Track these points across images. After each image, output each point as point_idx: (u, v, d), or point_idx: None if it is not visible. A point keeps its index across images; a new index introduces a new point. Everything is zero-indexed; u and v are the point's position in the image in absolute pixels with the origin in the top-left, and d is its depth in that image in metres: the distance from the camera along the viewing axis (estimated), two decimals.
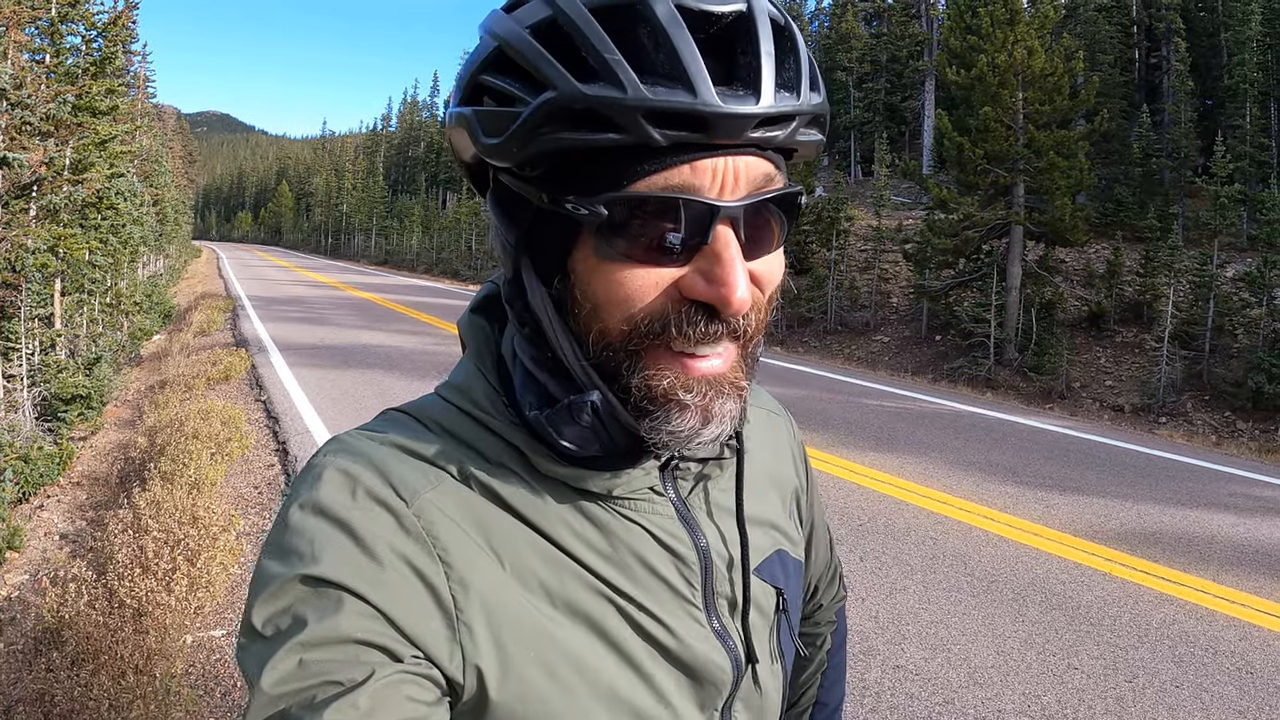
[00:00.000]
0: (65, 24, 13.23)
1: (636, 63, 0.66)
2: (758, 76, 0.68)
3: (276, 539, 0.72)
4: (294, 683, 0.64)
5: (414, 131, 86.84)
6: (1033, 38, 17.52)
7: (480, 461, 0.78)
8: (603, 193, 0.69)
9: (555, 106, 0.67)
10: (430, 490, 0.75)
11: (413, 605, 0.69)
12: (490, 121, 0.72)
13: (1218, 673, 4.66)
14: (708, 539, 0.85)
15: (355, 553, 0.69)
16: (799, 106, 0.71)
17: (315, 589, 0.67)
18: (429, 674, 0.69)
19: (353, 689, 0.64)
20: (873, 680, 4.47)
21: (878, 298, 22.45)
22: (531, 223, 0.76)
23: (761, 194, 0.72)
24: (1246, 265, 16.71)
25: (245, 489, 7.64)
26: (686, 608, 0.82)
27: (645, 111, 0.65)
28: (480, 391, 0.82)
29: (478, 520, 0.75)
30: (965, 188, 18.65)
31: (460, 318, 0.90)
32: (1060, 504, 7.49)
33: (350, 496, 0.72)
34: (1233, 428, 13.99)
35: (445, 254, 54.92)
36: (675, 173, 0.68)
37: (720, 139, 0.68)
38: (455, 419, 0.81)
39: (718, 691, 0.83)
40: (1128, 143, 25.34)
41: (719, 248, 0.69)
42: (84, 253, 12.89)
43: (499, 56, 0.73)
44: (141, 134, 28.42)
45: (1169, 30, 28.72)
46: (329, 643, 0.66)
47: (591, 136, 0.67)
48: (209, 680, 4.54)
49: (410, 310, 24.97)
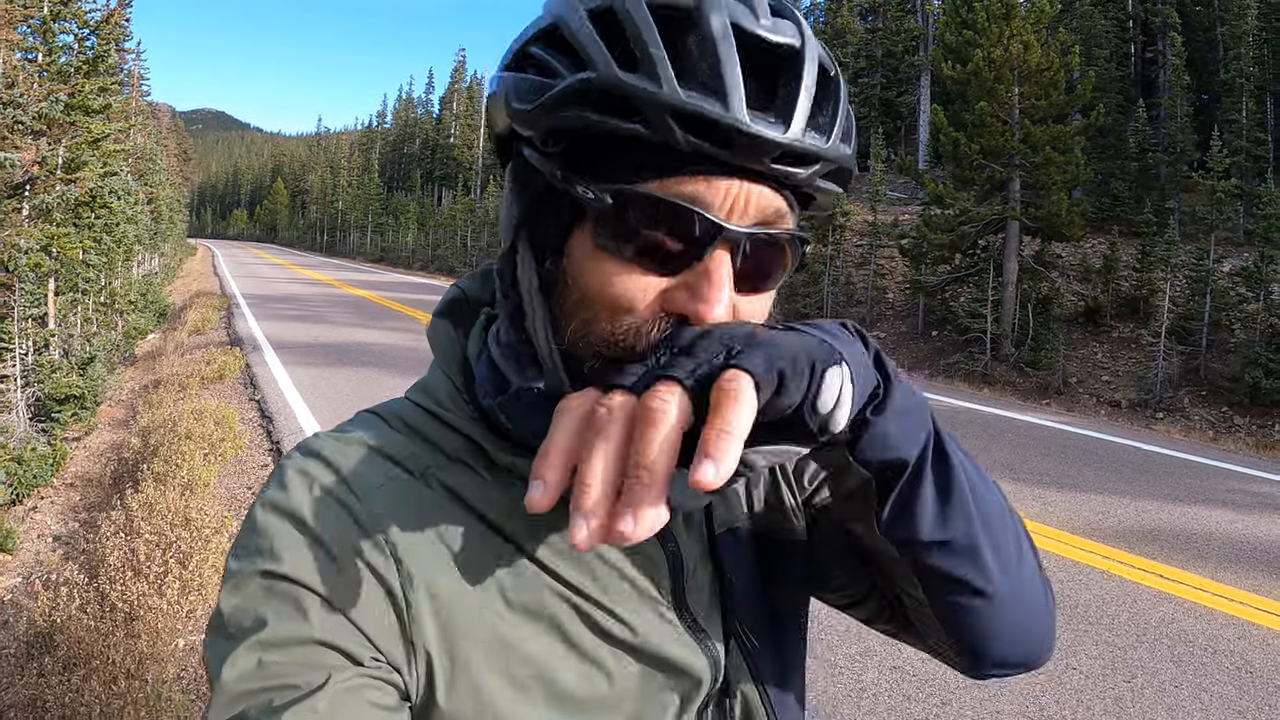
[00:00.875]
0: (57, 22, 13.20)
1: (679, 66, 0.66)
2: (792, 109, 0.68)
3: (241, 538, 0.73)
4: (252, 682, 0.65)
5: (409, 128, 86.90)
6: (1028, 32, 17.50)
7: (440, 459, 0.78)
8: (614, 183, 0.69)
9: (589, 86, 0.68)
10: (386, 488, 0.75)
11: (369, 603, 0.69)
12: (526, 88, 0.72)
13: (1217, 672, 4.64)
14: (676, 536, 0.83)
15: (312, 550, 0.70)
16: (825, 150, 0.70)
17: (274, 585, 0.68)
18: (389, 678, 0.69)
19: (310, 693, 0.64)
20: (870, 681, 4.45)
21: (874, 293, 22.44)
22: (539, 198, 0.76)
23: (769, 228, 0.72)
24: (1243, 260, 16.70)
25: (238, 490, 7.61)
26: (655, 607, 0.80)
27: (674, 111, 0.65)
28: (443, 390, 0.83)
29: (433, 518, 0.75)
30: (961, 183, 18.64)
31: (428, 324, 0.90)
32: (1058, 501, 7.48)
33: (308, 494, 0.73)
34: (1230, 423, 13.98)
35: (441, 251, 54.96)
36: (689, 182, 0.68)
37: (741, 160, 0.68)
38: (419, 417, 0.82)
39: (695, 690, 0.81)
40: (1124, 137, 25.33)
41: (711, 266, 0.69)
42: (78, 252, 12.83)
43: (550, 31, 0.73)
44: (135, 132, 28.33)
45: (1165, 25, 28.71)
46: (288, 644, 0.66)
47: (616, 123, 0.68)
48: (200, 685, 4.52)
49: (405, 308, 24.96)
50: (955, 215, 18.57)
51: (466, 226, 52.07)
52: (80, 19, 14.00)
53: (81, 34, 14.07)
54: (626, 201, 0.69)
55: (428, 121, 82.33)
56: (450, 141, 72.72)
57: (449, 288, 0.91)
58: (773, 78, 0.69)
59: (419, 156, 79.57)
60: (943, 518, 0.74)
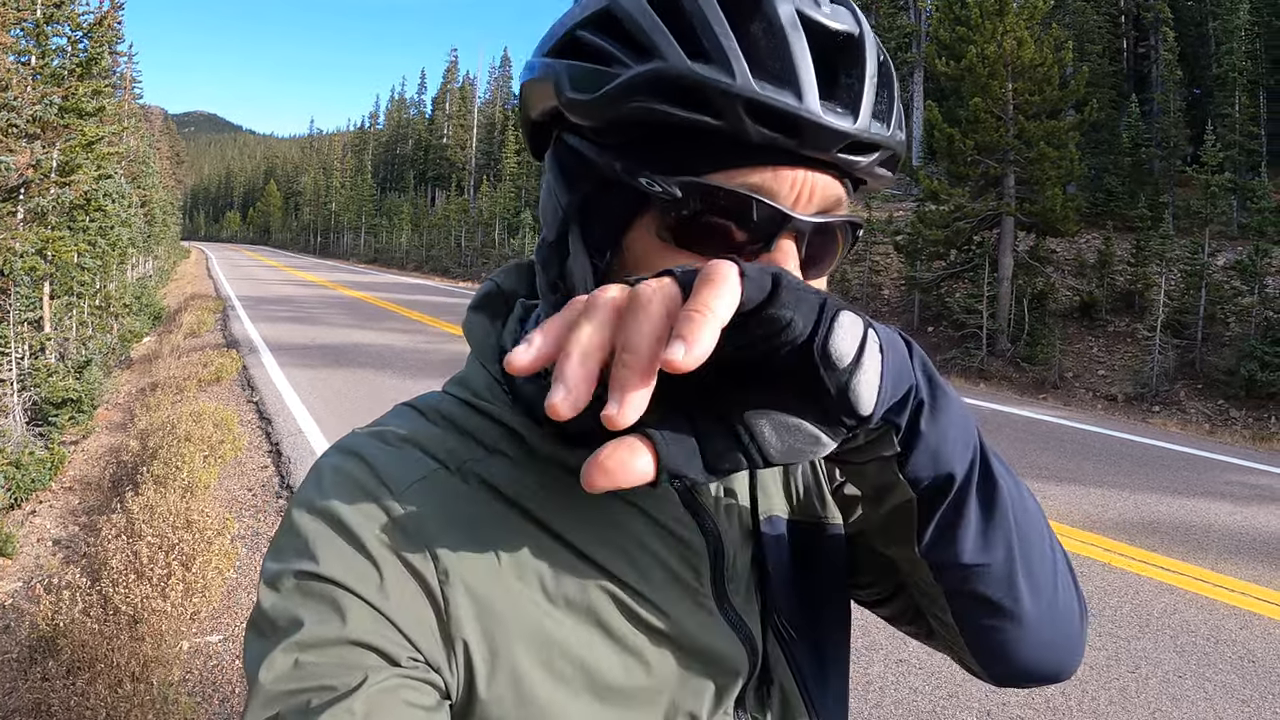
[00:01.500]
0: (50, 25, 13.15)
1: (749, 56, 0.65)
2: (859, 99, 0.68)
3: (278, 540, 0.72)
4: (289, 683, 0.64)
5: (402, 129, 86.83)
6: (1022, 28, 17.52)
7: (478, 450, 0.77)
8: (681, 175, 0.68)
9: (660, 76, 0.66)
10: (422, 482, 0.74)
11: (406, 601, 0.68)
12: (585, 77, 0.71)
13: (1220, 662, 4.66)
14: (717, 524, 0.82)
15: (348, 549, 0.69)
16: (887, 138, 0.71)
17: (310, 586, 0.68)
18: (427, 677, 0.68)
19: (347, 694, 0.63)
20: (876, 675, 4.46)
21: (869, 290, 22.46)
22: (593, 190, 0.74)
23: (831, 215, 0.72)
24: (1238, 253, 16.74)
25: (239, 491, 7.60)
26: (693, 595, 0.79)
27: (746, 103, 0.64)
28: (480, 381, 0.82)
29: (470, 513, 0.74)
30: (956, 179, 18.65)
31: (465, 317, 0.89)
32: (1057, 494, 7.49)
33: (342, 493, 0.72)
34: (1226, 416, 14.01)
35: (435, 251, 54.92)
36: (757, 172, 0.68)
37: (810, 150, 0.67)
38: (456, 410, 0.81)
39: (733, 680, 0.80)
40: (1117, 132, 25.39)
41: (779, 257, 0.69)
42: (72, 255, 12.80)
43: (605, 16, 0.71)
44: (129, 135, 28.25)
45: (1157, 20, 28.80)
46: (324, 644, 0.65)
47: (687, 115, 0.66)
48: (207, 687, 4.51)
49: (401, 308, 24.95)
50: (950, 211, 18.58)
51: (460, 227, 52.06)
52: (73, 22, 13.94)
53: (75, 37, 14.01)
54: (695, 193, 0.68)
55: (420, 122, 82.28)
56: (443, 142, 72.68)
57: (484, 282, 0.90)
58: (835, 66, 0.69)
59: (412, 157, 79.55)
60: (985, 540, 0.71)
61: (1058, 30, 19.18)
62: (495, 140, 64.70)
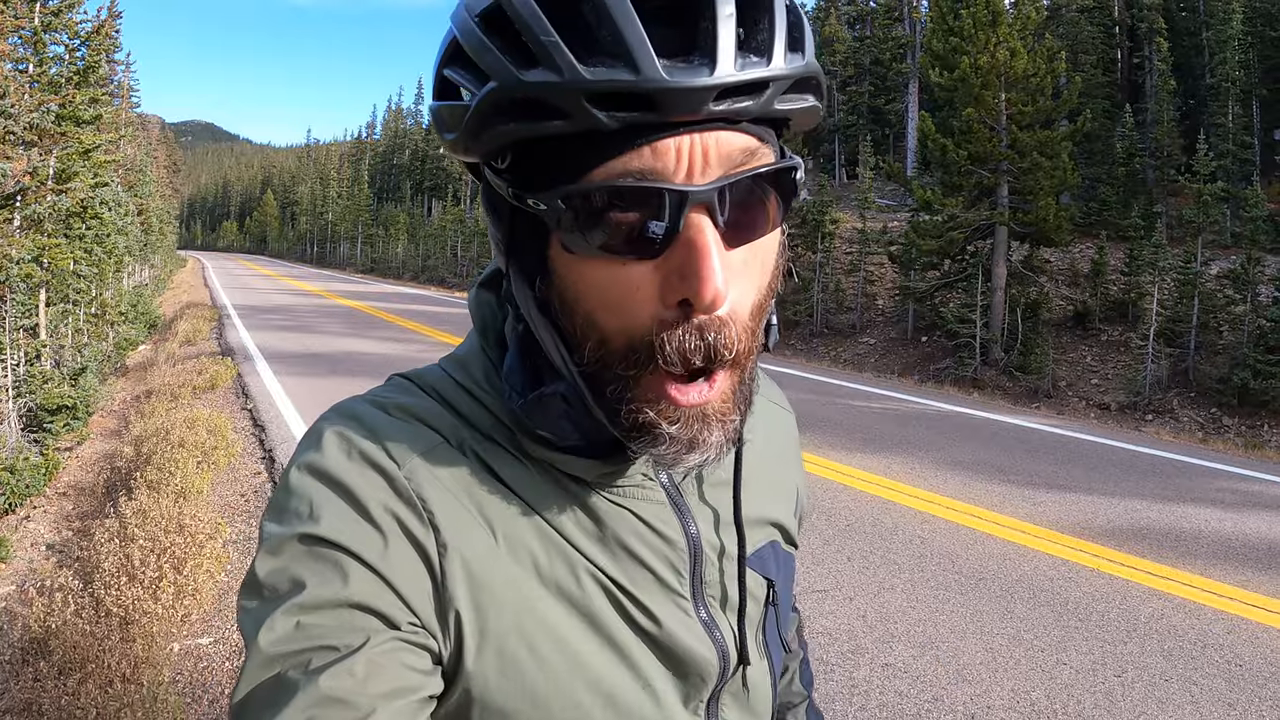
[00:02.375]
0: (48, 33, 13.19)
1: (580, 43, 0.62)
2: (714, 44, 0.62)
3: (277, 500, 0.72)
4: (290, 644, 0.64)
5: (399, 139, 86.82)
6: (1015, 39, 17.59)
7: (474, 434, 0.77)
8: (560, 185, 0.65)
9: (497, 97, 0.65)
10: (423, 454, 0.74)
11: (407, 568, 0.69)
12: (448, 116, 0.71)
13: (1207, 666, 4.67)
14: (699, 527, 0.83)
15: (351, 514, 0.69)
16: (770, 72, 0.64)
17: (313, 549, 0.68)
18: (425, 643, 0.68)
19: (349, 655, 0.64)
20: (861, 678, 4.47)
21: (863, 300, 22.49)
22: (511, 219, 0.73)
23: (740, 172, 0.66)
24: (1230, 262, 16.81)
25: (232, 497, 7.61)
26: (673, 597, 0.80)
27: (586, 94, 0.61)
28: (478, 367, 0.81)
29: (470, 489, 0.74)
30: (949, 189, 18.70)
31: (469, 292, 0.87)
32: (1048, 501, 7.51)
33: (346, 458, 0.72)
34: (1219, 424, 14.05)
35: (431, 261, 54.90)
36: (634, 156, 0.63)
37: (676, 116, 0.62)
38: (452, 390, 0.80)
39: (703, 683, 0.81)
40: (1111, 142, 25.49)
41: (692, 235, 0.64)
42: (69, 263, 12.84)
43: (455, 49, 0.70)
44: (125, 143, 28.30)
45: (1151, 30, 28.90)
46: (327, 606, 0.66)
47: (538, 125, 0.64)
48: (196, 688, 4.52)
49: (396, 318, 24.94)
50: (944, 221, 18.63)
51: (457, 237, 52.03)
52: (71, 30, 13.98)
53: (72, 45, 14.06)
54: (579, 199, 0.65)
55: (417, 132, 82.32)
56: (440, 152, 72.50)
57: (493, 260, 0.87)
58: (685, 16, 0.63)
59: (409, 167, 79.53)
60: None
61: (1051, 41, 19.28)
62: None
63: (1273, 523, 7.16)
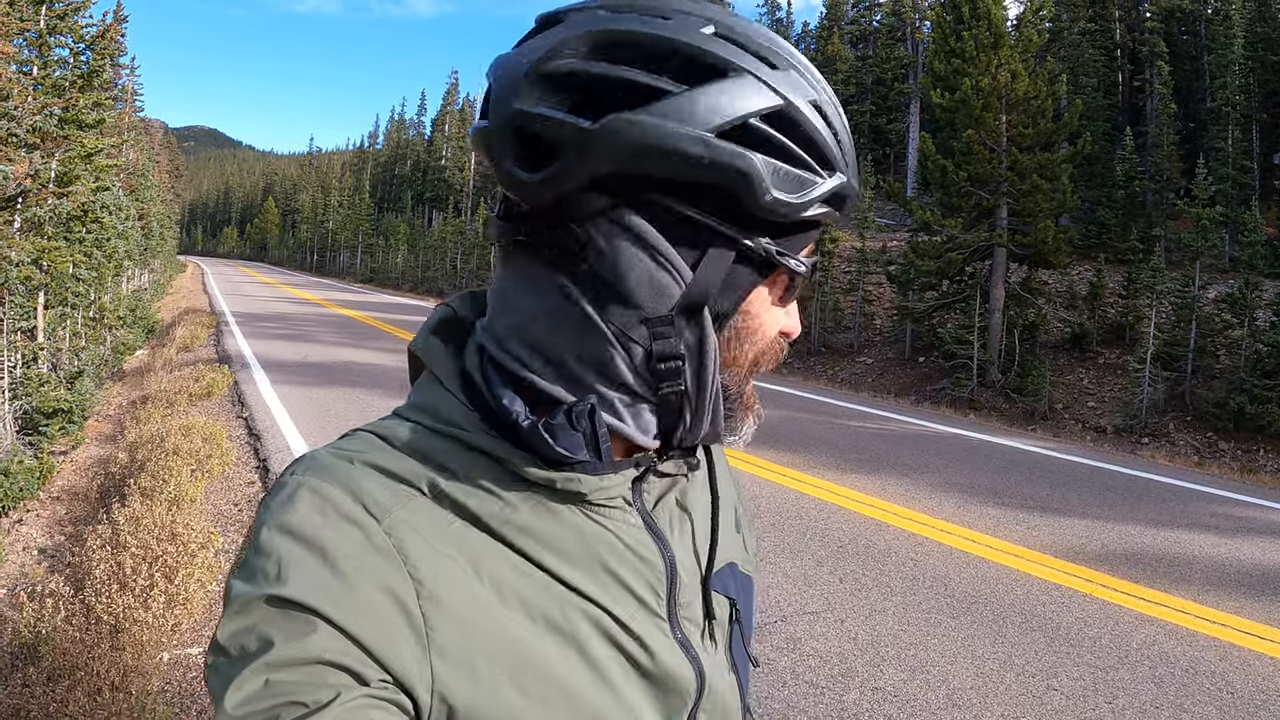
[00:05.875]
0: (53, 36, 13.23)
1: None
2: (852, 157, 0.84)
3: (246, 559, 0.71)
4: (258, 702, 0.64)
5: (401, 150, 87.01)
6: (1017, 61, 17.67)
7: (450, 478, 0.77)
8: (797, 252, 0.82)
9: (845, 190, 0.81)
10: (401, 507, 0.74)
11: (381, 625, 0.69)
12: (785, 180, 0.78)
13: (1198, 693, 4.67)
14: (673, 550, 0.85)
15: (324, 573, 0.69)
16: None
17: (282, 609, 0.67)
18: (395, 699, 0.68)
19: (316, 711, 0.64)
20: (851, 702, 4.46)
21: (861, 319, 22.53)
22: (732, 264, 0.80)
23: None
24: (1228, 287, 16.86)
25: (225, 506, 7.60)
26: (653, 619, 0.82)
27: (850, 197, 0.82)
28: (450, 407, 0.81)
29: (451, 537, 0.75)
30: (949, 210, 18.75)
31: (415, 339, 0.88)
32: (1041, 525, 7.51)
33: (321, 515, 0.71)
34: (1215, 448, 14.06)
35: (430, 273, 54.96)
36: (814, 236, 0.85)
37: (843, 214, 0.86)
38: (422, 437, 0.80)
39: (682, 703, 0.83)
40: (1111, 165, 25.57)
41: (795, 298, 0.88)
42: (68, 266, 12.83)
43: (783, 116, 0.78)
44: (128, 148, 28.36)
45: (1152, 54, 29.03)
46: (295, 664, 0.65)
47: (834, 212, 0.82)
48: (185, 698, 4.51)
49: (394, 329, 24.94)
50: (943, 242, 18.68)
51: (456, 248, 52.10)
52: (76, 34, 14.00)
53: (77, 48, 14.08)
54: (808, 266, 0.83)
55: (419, 143, 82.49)
56: (441, 164, 72.80)
57: (436, 307, 0.91)
58: None
59: (410, 178, 79.68)
60: None
61: (1052, 63, 19.37)
62: None
63: (1267, 549, 7.16)
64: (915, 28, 40.80)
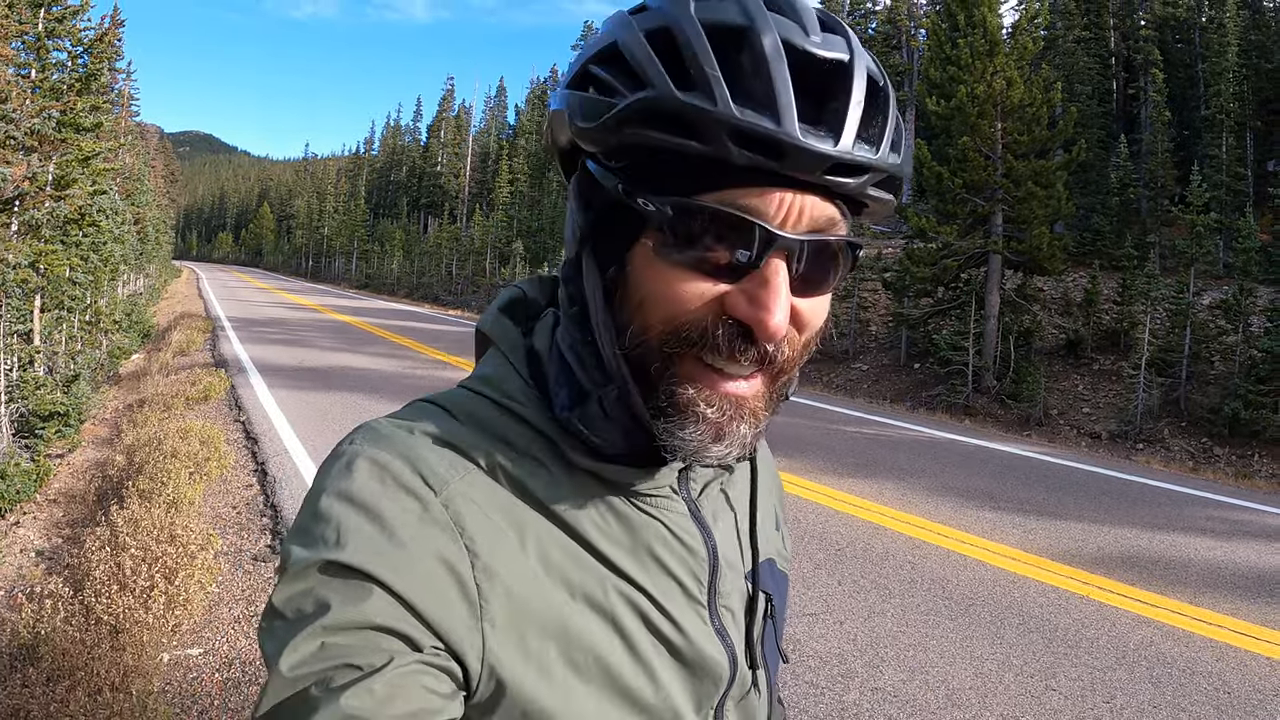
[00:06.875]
0: (52, 39, 13.21)
1: (733, 84, 0.70)
2: (841, 122, 0.72)
3: (304, 524, 0.73)
4: (313, 664, 0.66)
5: (396, 155, 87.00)
6: (1012, 69, 17.72)
7: (509, 452, 0.80)
8: (674, 195, 0.72)
9: (649, 104, 0.71)
10: (459, 480, 0.76)
11: (436, 594, 0.70)
12: (589, 107, 0.76)
13: (1195, 693, 4.69)
14: (717, 540, 0.88)
15: (381, 540, 0.70)
16: (874, 160, 0.74)
17: (339, 575, 0.69)
18: (447, 666, 0.70)
19: (371, 674, 0.65)
20: (851, 702, 4.47)
21: (857, 326, 22.56)
22: (603, 210, 0.79)
23: (822, 235, 0.75)
24: (1223, 293, 16.90)
25: (223, 509, 7.59)
26: (693, 605, 0.84)
27: (730, 128, 0.69)
28: (513, 383, 0.84)
29: (505, 511, 0.77)
30: (944, 217, 18.79)
31: (483, 318, 0.92)
32: (1038, 528, 7.53)
33: (380, 484, 0.73)
34: (1209, 453, 14.10)
35: (426, 279, 54.97)
36: (745, 193, 0.71)
37: (793, 171, 0.71)
38: (485, 410, 0.83)
39: (714, 689, 0.85)
40: (1105, 172, 25.64)
41: (769, 274, 0.72)
42: (64, 269, 12.81)
43: (611, 51, 0.77)
44: (124, 152, 28.34)
45: (1146, 62, 29.15)
46: (350, 628, 0.67)
47: (675, 140, 0.71)
48: (186, 699, 4.50)
49: (390, 334, 24.94)
50: (938, 249, 18.72)
51: (452, 254, 52.15)
52: (74, 37, 13.99)
53: (75, 52, 14.06)
54: (686, 213, 0.72)
55: (415, 149, 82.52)
56: (437, 169, 72.87)
57: (508, 288, 0.94)
58: (824, 92, 0.73)
59: (406, 184, 79.69)
60: None
61: (1047, 71, 19.40)
62: (489, 169, 64.83)
63: (1262, 551, 7.19)
64: (911, 35, 40.95)
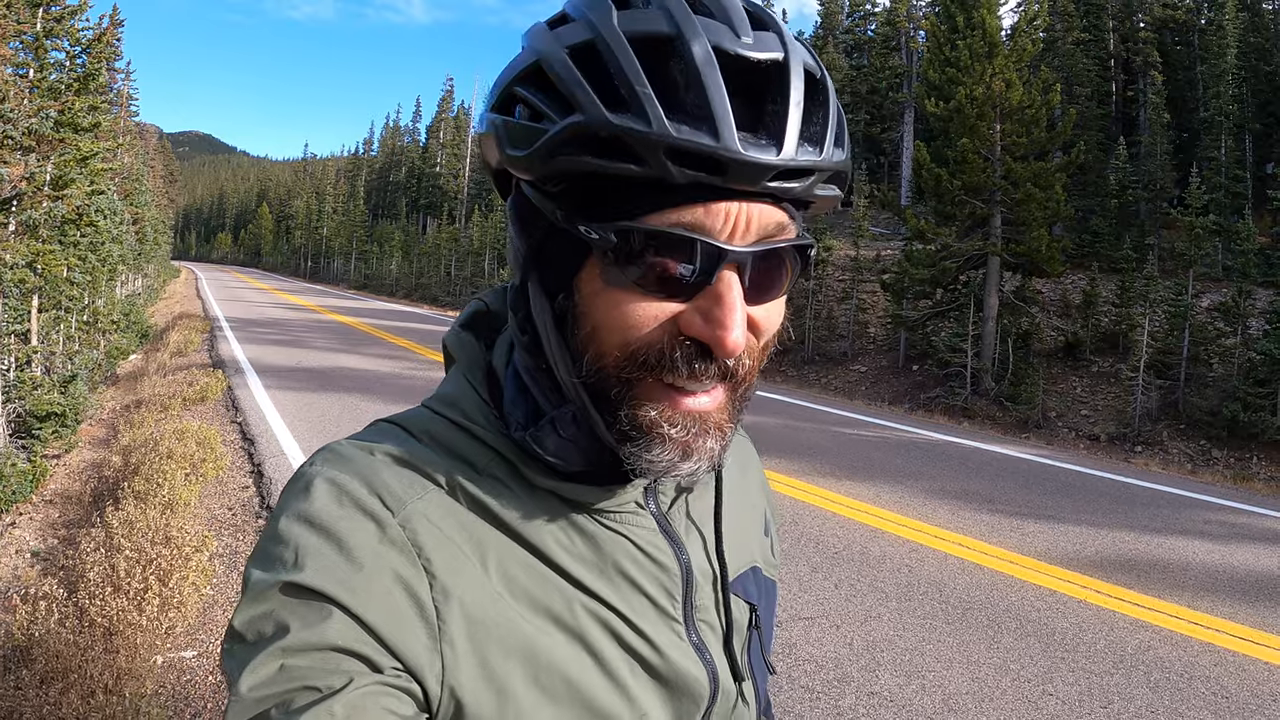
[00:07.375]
0: (50, 39, 13.19)
1: (665, 98, 0.67)
2: (783, 128, 0.69)
3: (264, 547, 0.72)
4: (274, 686, 0.65)
5: (395, 156, 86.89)
6: (1011, 71, 17.73)
7: (469, 472, 0.78)
8: (616, 220, 0.70)
9: (580, 130, 0.68)
10: (417, 500, 0.75)
11: (395, 615, 0.69)
12: (518, 134, 0.73)
13: (1193, 698, 4.67)
14: (689, 553, 0.86)
15: (339, 561, 0.70)
16: (819, 162, 0.71)
17: (299, 596, 0.68)
18: (408, 687, 0.69)
19: (330, 695, 0.65)
20: (847, 707, 4.46)
21: (855, 327, 22.55)
22: (545, 237, 0.76)
23: (772, 243, 0.73)
24: (1221, 295, 16.92)
25: (219, 510, 7.58)
26: (668, 621, 0.82)
27: (667, 148, 0.66)
28: (471, 403, 0.83)
29: (465, 531, 0.75)
30: (943, 219, 18.80)
31: (448, 333, 0.91)
32: (1036, 532, 7.52)
33: (338, 505, 0.73)
34: (1208, 456, 14.09)
35: (424, 280, 54.94)
36: (689, 211, 0.69)
37: (737, 184, 0.68)
38: (445, 430, 0.82)
39: (695, 706, 0.83)
40: (1104, 174, 25.66)
41: (721, 289, 0.70)
42: (62, 269, 12.79)
43: (535, 71, 0.73)
44: (123, 152, 28.32)
45: (1145, 64, 29.18)
46: (310, 649, 0.66)
47: (612, 164, 0.68)
48: (179, 701, 4.49)
49: (388, 335, 24.92)
50: (937, 251, 18.72)
51: (451, 255, 52.09)
52: (73, 37, 13.98)
53: (73, 52, 14.04)
54: (629, 237, 0.69)
55: (414, 150, 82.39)
56: (436, 170, 72.78)
57: (471, 300, 0.92)
58: (760, 95, 0.70)
59: (405, 185, 79.56)
60: None
61: (1046, 73, 19.41)
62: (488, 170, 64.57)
63: (1260, 555, 7.18)
64: (910, 37, 40.94)
